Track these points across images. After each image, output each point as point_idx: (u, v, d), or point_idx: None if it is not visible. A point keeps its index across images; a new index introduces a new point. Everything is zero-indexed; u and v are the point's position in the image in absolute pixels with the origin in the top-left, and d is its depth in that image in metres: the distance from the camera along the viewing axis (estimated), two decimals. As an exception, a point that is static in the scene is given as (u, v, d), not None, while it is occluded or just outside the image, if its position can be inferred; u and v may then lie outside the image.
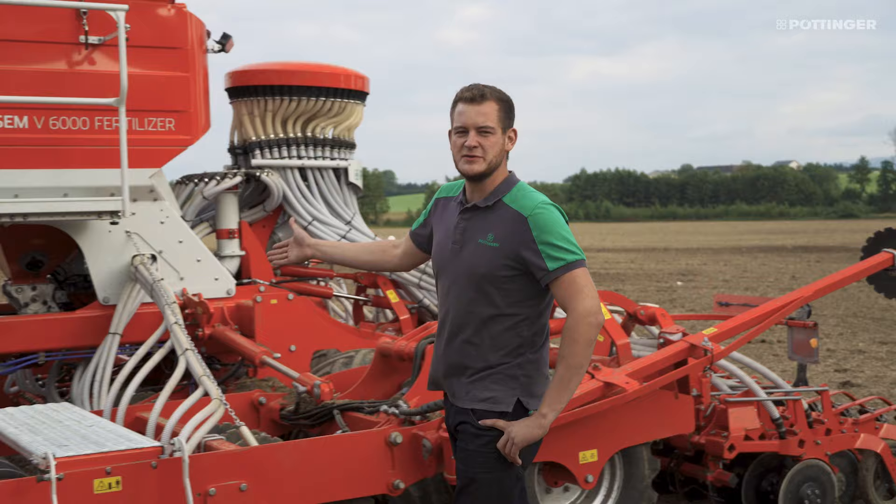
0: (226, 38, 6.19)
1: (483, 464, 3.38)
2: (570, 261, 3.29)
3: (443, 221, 3.56)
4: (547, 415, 3.36)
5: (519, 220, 3.32)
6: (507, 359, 3.39)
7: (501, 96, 3.39)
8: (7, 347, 5.69)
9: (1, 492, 3.70)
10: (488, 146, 3.34)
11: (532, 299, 3.38)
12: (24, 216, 5.35)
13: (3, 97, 5.31)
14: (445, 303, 3.47)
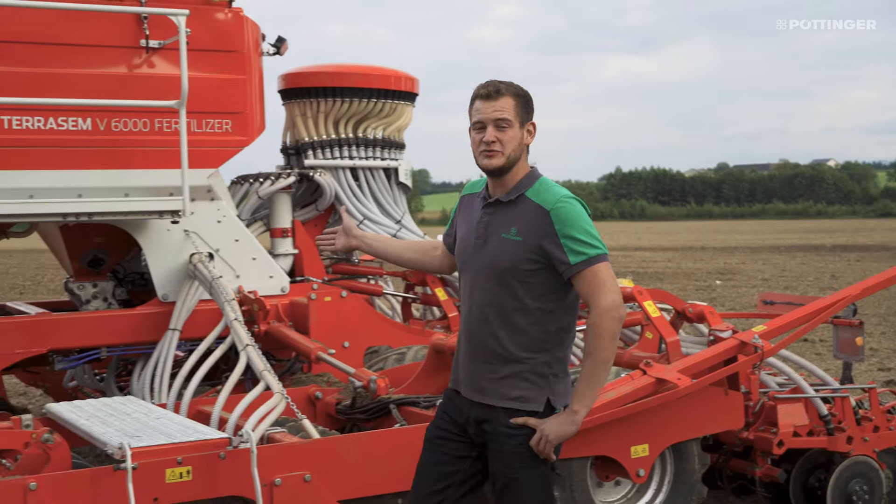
0: (280, 42, 6.33)
1: (521, 463, 3.42)
2: (592, 255, 3.31)
3: (467, 218, 3.58)
4: (579, 411, 3.40)
5: (541, 213, 3.34)
6: (532, 354, 3.40)
7: (518, 91, 3.42)
8: (69, 343, 5.86)
9: (79, 480, 3.86)
10: (506, 140, 3.37)
11: (555, 293, 3.39)
12: (90, 215, 5.51)
13: (68, 100, 5.48)
14: (469, 298, 3.48)
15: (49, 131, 5.54)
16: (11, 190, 5.43)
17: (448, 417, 3.60)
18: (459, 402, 3.56)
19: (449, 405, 3.62)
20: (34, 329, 5.71)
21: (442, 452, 3.58)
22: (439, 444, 3.60)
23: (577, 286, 3.35)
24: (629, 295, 5.51)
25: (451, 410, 3.60)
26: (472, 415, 3.49)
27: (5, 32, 5.42)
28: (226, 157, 6.10)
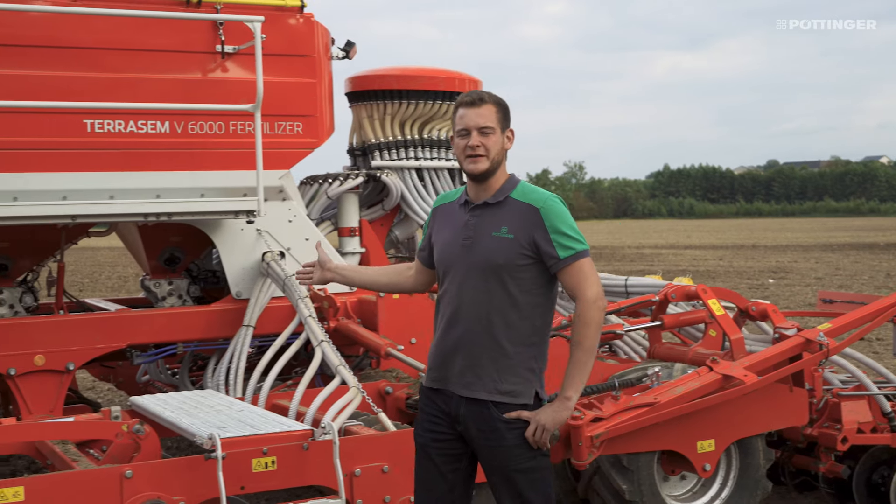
0: (349, 46, 6.50)
1: (521, 456, 3.52)
2: (578, 250, 3.49)
3: (447, 225, 3.69)
4: (571, 397, 3.54)
5: (531, 211, 3.50)
6: (521, 348, 3.52)
7: (498, 100, 3.60)
8: (147, 338, 6.07)
9: (171, 468, 4.05)
10: (490, 145, 3.53)
11: (542, 287, 3.54)
12: (169, 215, 5.71)
13: (147, 104, 5.69)
14: (458, 296, 3.56)
15: (129, 134, 5.75)
16: (94, 191, 5.64)
17: (436, 417, 3.65)
18: (444, 399, 3.62)
19: (432, 405, 3.67)
20: (114, 325, 5.93)
21: (438, 455, 3.64)
22: (434, 448, 3.65)
23: (564, 279, 3.52)
24: (693, 293, 5.62)
25: (436, 409, 3.65)
26: (460, 410, 3.56)
27: (90, 40, 5.63)
28: (297, 159, 6.28)
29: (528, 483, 3.52)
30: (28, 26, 5.51)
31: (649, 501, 4.98)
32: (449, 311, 3.59)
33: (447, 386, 3.60)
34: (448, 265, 3.61)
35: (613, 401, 4.65)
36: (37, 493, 3.80)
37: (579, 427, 4.49)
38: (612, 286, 6.38)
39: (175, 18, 5.81)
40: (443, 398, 3.62)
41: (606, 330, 5.58)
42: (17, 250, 6.02)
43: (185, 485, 4.03)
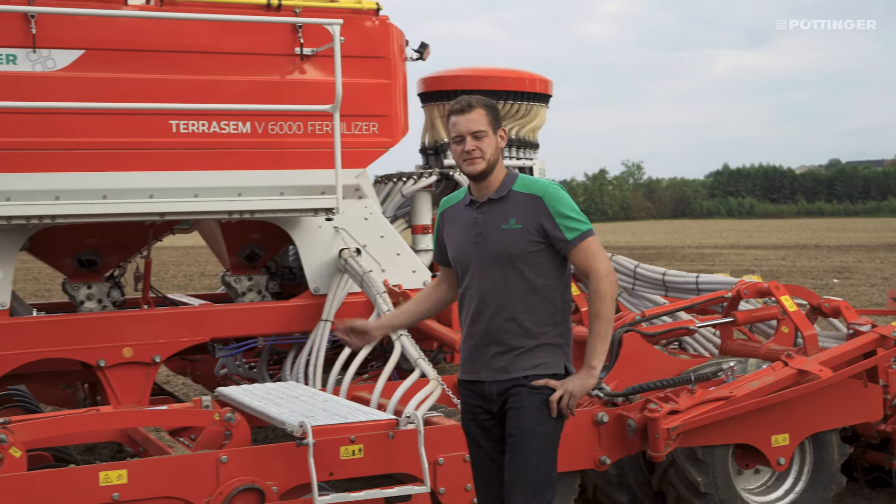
0: (423, 47, 6.64)
1: (539, 418, 3.64)
2: (584, 230, 3.66)
3: (456, 225, 3.85)
4: (596, 366, 3.69)
5: (535, 200, 3.67)
6: (546, 328, 3.68)
7: (487, 103, 3.76)
8: (229, 332, 6.26)
9: (264, 454, 4.22)
10: (484, 147, 3.70)
11: (555, 270, 3.70)
12: (252, 213, 5.89)
13: (231, 105, 5.87)
14: (479, 289, 3.71)
15: (212, 134, 5.93)
16: (179, 189, 5.84)
17: (476, 406, 3.80)
18: (479, 387, 3.77)
19: (470, 395, 3.82)
20: (198, 319, 6.13)
21: (486, 441, 3.79)
22: (481, 435, 3.80)
23: (574, 259, 3.69)
24: (766, 290, 5.67)
25: (474, 399, 3.80)
26: (494, 391, 3.72)
27: (174, 43, 5.83)
28: (373, 158, 6.43)
29: (539, 445, 3.65)
30: (116, 30, 5.72)
31: (724, 494, 5.05)
32: (473, 304, 3.75)
33: (480, 376, 3.76)
34: (465, 262, 3.78)
35: (689, 394, 4.74)
36: (139, 476, 3.99)
37: (656, 419, 4.61)
38: (684, 283, 6.44)
39: (256, 22, 5.99)
40: (478, 387, 3.78)
41: (678, 326, 5.66)
42: (106, 247, 6.24)
43: (277, 470, 4.20)
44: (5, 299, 5.73)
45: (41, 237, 5.93)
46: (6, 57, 5.53)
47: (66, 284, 6.32)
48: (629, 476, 5.29)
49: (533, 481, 3.64)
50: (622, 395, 4.78)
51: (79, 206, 5.53)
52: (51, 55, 5.60)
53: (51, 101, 5.55)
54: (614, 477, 5.28)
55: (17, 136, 5.53)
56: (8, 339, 5.66)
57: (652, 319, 5.63)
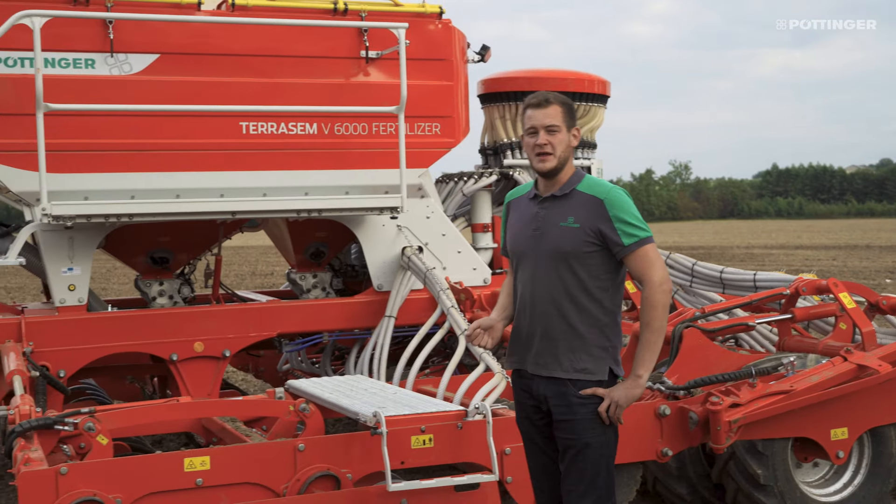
0: (484, 49, 6.78)
1: (593, 429, 3.68)
2: (642, 237, 3.67)
3: (518, 217, 3.91)
4: (643, 375, 3.71)
5: (596, 202, 3.69)
6: (592, 328, 3.71)
7: (563, 100, 3.78)
8: (295, 328, 6.45)
9: (339, 443, 4.39)
10: (556, 143, 3.72)
11: (609, 272, 3.71)
12: (320, 212, 6.07)
13: (302, 107, 6.06)
14: (531, 283, 3.77)
15: (280, 135, 6.13)
16: (248, 189, 6.04)
17: (527, 403, 3.87)
18: (527, 383, 3.84)
19: (520, 392, 3.90)
20: (266, 315, 6.33)
21: (539, 437, 3.86)
22: (534, 432, 3.87)
23: (630, 265, 3.70)
24: (824, 287, 5.74)
25: (525, 396, 3.87)
26: (541, 390, 3.78)
27: (245, 47, 6.02)
28: (435, 158, 6.59)
29: (595, 456, 3.71)
30: (189, 35, 5.93)
31: (783, 486, 5.14)
32: (525, 297, 3.80)
33: (525, 366, 3.82)
34: (520, 253, 3.84)
35: (750, 388, 4.84)
36: (221, 463, 4.16)
37: (718, 412, 4.71)
38: (741, 280, 6.53)
39: (324, 27, 6.17)
40: (525, 382, 3.85)
41: (738, 322, 5.75)
42: (178, 245, 6.45)
43: (351, 458, 4.36)
44: (83, 295, 5.95)
45: (116, 235, 6.15)
46: (85, 61, 5.76)
47: (138, 281, 6.54)
48: (689, 468, 5.39)
49: (593, 490, 3.70)
50: (684, 388, 4.89)
51: (154, 205, 5.74)
52: (127, 59, 5.82)
53: (127, 103, 5.77)
54: (674, 469, 5.39)
55: (94, 137, 5.76)
56: (86, 334, 5.90)
57: (710, 316, 5.72)
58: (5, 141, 5.58)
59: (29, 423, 4.28)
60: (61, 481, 3.90)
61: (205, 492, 4.14)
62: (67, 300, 5.91)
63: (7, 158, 5.61)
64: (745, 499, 5.21)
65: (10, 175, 5.62)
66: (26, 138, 5.54)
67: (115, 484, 4.00)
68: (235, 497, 4.19)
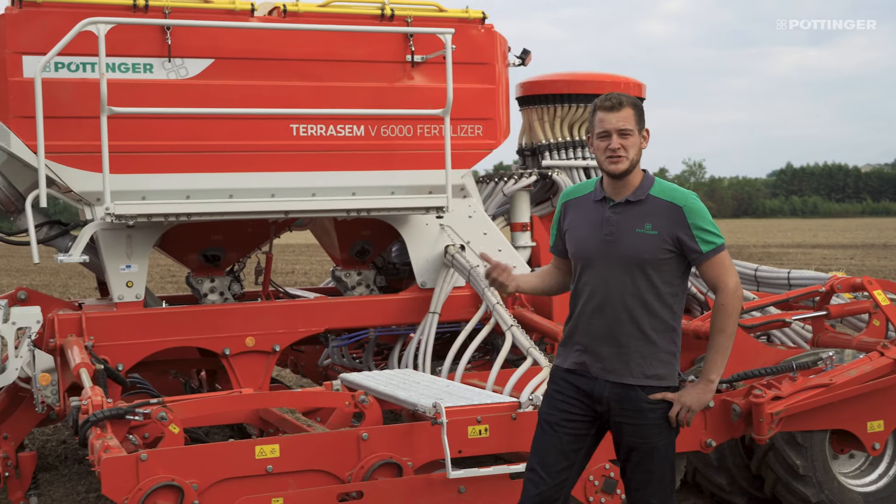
0: (525, 54, 6.97)
1: (660, 433, 3.78)
2: (718, 244, 3.74)
3: (582, 219, 3.89)
4: (714, 380, 3.80)
5: (674, 209, 3.72)
6: (663, 334, 3.77)
7: (635, 102, 3.79)
8: (342, 323, 6.65)
9: (400, 432, 4.59)
10: (629, 146, 3.73)
11: (679, 279, 3.79)
12: (368, 211, 6.28)
13: (350, 110, 6.27)
14: (605, 288, 3.78)
15: (329, 137, 6.34)
16: (298, 189, 6.25)
17: (572, 398, 3.89)
18: (585, 382, 3.86)
19: (568, 386, 3.91)
20: (314, 311, 6.53)
21: (566, 433, 3.89)
22: (564, 427, 3.90)
23: (705, 271, 3.77)
24: (859, 284, 5.92)
25: (573, 390, 3.89)
26: (605, 394, 3.81)
27: (295, 52, 6.23)
28: (477, 159, 6.78)
29: (662, 457, 3.84)
30: (243, 41, 6.14)
31: (821, 477, 5.33)
32: (594, 301, 3.82)
33: (590, 370, 3.85)
34: (588, 258, 3.84)
35: (791, 381, 5.03)
36: (289, 450, 4.37)
37: (761, 404, 4.90)
38: (775, 278, 6.71)
39: (371, 32, 6.37)
40: (583, 380, 3.87)
41: (775, 318, 5.93)
42: (229, 243, 6.66)
43: (412, 447, 4.56)
44: (140, 291, 6.17)
45: (171, 234, 6.36)
46: (143, 66, 5.97)
47: (190, 278, 6.75)
48: (728, 460, 5.59)
49: (660, 492, 3.85)
50: (727, 381, 5.07)
51: (211, 204, 5.95)
52: (183, 64, 6.04)
53: (183, 107, 5.98)
54: (714, 460, 5.58)
55: (152, 139, 5.97)
56: (144, 329, 6.11)
57: (751, 312, 5.91)
58: (68, 143, 5.79)
59: (103, 412, 4.49)
60: (141, 467, 4.11)
61: (274, 478, 4.35)
62: (125, 296, 6.13)
63: (70, 160, 5.82)
64: (783, 489, 5.40)
65: (72, 176, 5.84)
66: (87, 140, 5.77)
67: (191, 470, 4.20)
68: (303, 483, 4.39)
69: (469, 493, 4.53)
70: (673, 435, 3.86)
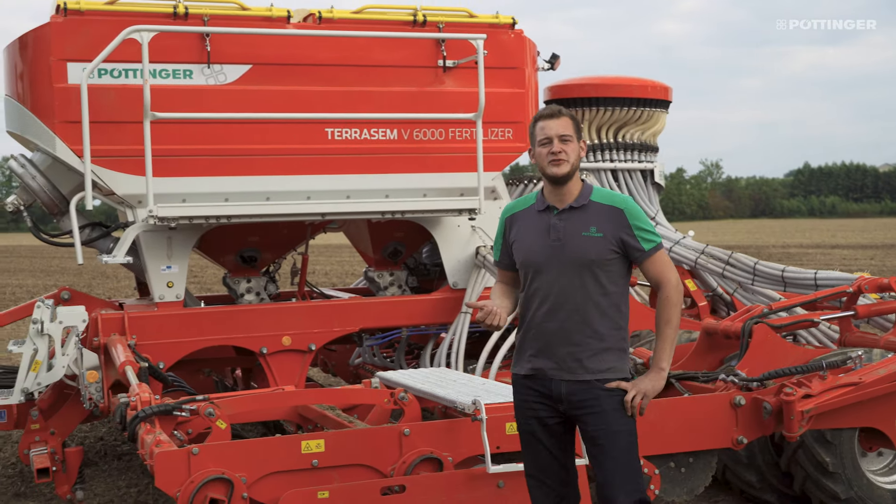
0: (554, 58, 7.10)
1: (621, 418, 3.91)
2: (658, 242, 3.96)
3: (528, 230, 4.04)
4: (664, 368, 3.98)
5: (615, 212, 3.93)
6: (613, 331, 3.93)
7: (572, 115, 4.01)
8: (375, 323, 6.79)
9: (441, 428, 4.72)
10: (570, 151, 3.93)
11: (623, 278, 3.98)
12: (402, 213, 6.41)
13: (385, 114, 6.41)
14: (553, 291, 3.92)
15: (363, 141, 6.48)
16: (333, 191, 6.40)
17: (537, 402, 4.01)
18: (543, 384, 3.98)
19: (530, 392, 4.02)
20: (349, 311, 6.68)
21: (546, 437, 4.02)
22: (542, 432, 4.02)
23: (647, 268, 3.98)
24: (886, 285, 6.01)
25: (535, 395, 4.01)
26: (563, 391, 3.94)
27: (330, 58, 6.38)
28: (507, 162, 6.92)
29: (626, 443, 3.94)
30: (279, 47, 6.29)
31: (850, 474, 5.43)
32: (546, 305, 3.95)
33: (547, 373, 3.96)
34: (537, 265, 3.98)
35: (821, 380, 5.13)
36: (334, 445, 4.51)
37: (791, 402, 5.01)
38: (803, 279, 6.80)
39: (405, 38, 6.51)
40: (541, 383, 3.99)
41: (804, 318, 6.03)
42: (266, 244, 6.81)
43: (452, 443, 4.69)
44: (180, 292, 6.33)
45: (210, 235, 6.50)
46: (183, 72, 6.13)
47: (226, 278, 6.91)
48: (758, 457, 5.69)
49: (630, 477, 3.94)
50: (758, 380, 5.18)
51: (250, 206, 6.11)
52: (222, 70, 6.20)
53: (221, 111, 6.14)
54: (744, 458, 5.69)
55: (192, 143, 6.13)
56: (184, 328, 6.27)
57: (779, 312, 6.01)
58: (111, 147, 5.96)
59: (151, 408, 4.64)
60: (193, 461, 4.25)
61: (319, 472, 4.48)
62: (166, 296, 6.28)
63: (113, 163, 5.99)
64: (813, 486, 5.50)
65: (115, 179, 6.00)
66: (130, 144, 5.94)
67: (240, 464, 4.34)
68: (347, 477, 4.53)
69: (507, 488, 4.64)
70: (632, 423, 3.96)
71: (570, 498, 4.09)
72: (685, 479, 5.16)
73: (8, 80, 6.40)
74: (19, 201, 6.45)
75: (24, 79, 6.15)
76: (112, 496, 6.49)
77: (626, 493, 3.91)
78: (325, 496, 4.40)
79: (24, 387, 5.73)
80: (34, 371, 5.72)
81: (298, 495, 4.37)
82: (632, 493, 3.92)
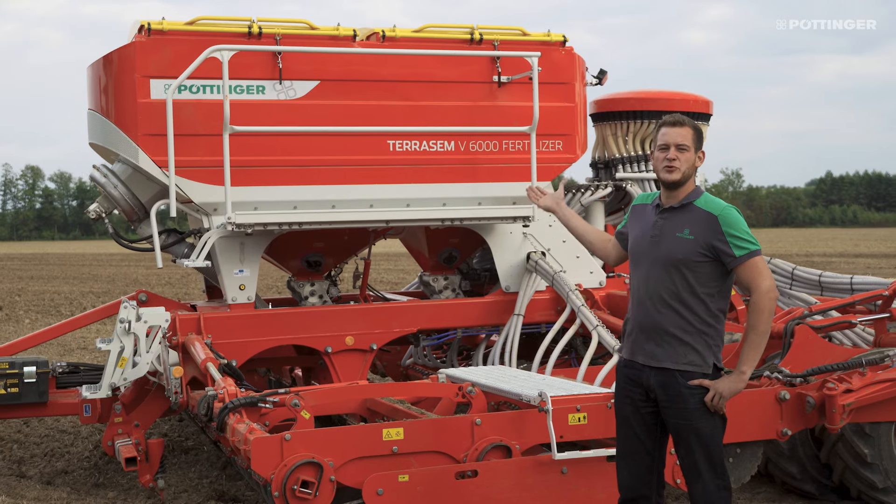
0: (602, 74, 7.47)
1: (701, 416, 4.16)
2: (752, 249, 4.15)
3: (640, 221, 4.39)
4: (746, 371, 4.17)
5: (710, 218, 4.17)
6: (698, 327, 4.16)
7: (695, 126, 4.28)
8: (432, 324, 7.17)
9: (508, 419, 5.11)
10: (684, 160, 4.21)
11: (716, 281, 4.18)
12: (461, 221, 6.80)
13: (441, 127, 6.80)
14: (646, 284, 4.25)
15: (422, 152, 6.87)
16: (394, 200, 6.79)
17: (632, 389, 4.33)
18: (637, 372, 4.31)
19: (630, 383, 4.34)
20: (408, 313, 7.06)
21: (638, 424, 4.32)
22: (635, 419, 4.33)
23: (740, 274, 4.18)
24: (919, 289, 6.36)
25: (631, 383, 4.34)
26: (651, 379, 4.24)
27: (392, 74, 6.78)
28: (557, 172, 7.29)
29: (706, 438, 4.22)
30: (346, 64, 6.69)
31: (888, 465, 5.78)
32: (639, 295, 4.30)
33: (637, 358, 4.31)
34: (638, 255, 4.35)
35: (861, 376, 5.49)
36: (412, 433, 4.90)
37: (834, 397, 5.37)
38: (839, 283, 7.16)
39: (462, 56, 6.90)
40: (635, 371, 4.32)
41: (842, 319, 6.40)
42: (330, 249, 7.22)
43: (519, 432, 5.08)
44: (251, 294, 6.73)
45: (278, 241, 6.91)
46: (256, 87, 6.54)
47: (291, 282, 7.31)
48: (799, 450, 6.05)
49: (710, 468, 4.23)
50: (801, 376, 5.54)
51: (320, 214, 6.51)
52: (292, 86, 6.60)
53: (290, 125, 6.55)
54: (786, 450, 6.05)
55: (264, 154, 6.54)
56: (255, 328, 6.67)
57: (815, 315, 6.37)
58: (191, 158, 6.36)
59: (239, 400, 5.05)
60: (286, 446, 4.65)
61: (399, 458, 4.88)
62: (238, 298, 6.69)
63: (191, 174, 6.39)
64: (852, 476, 5.86)
65: (193, 188, 6.41)
66: (206, 155, 6.35)
67: (327, 449, 4.74)
68: (423, 463, 4.92)
69: (571, 474, 5.02)
70: (716, 419, 4.21)
71: (652, 484, 4.37)
72: (733, 469, 5.52)
73: (92, 95, 6.83)
74: (101, 209, 6.87)
75: (108, 94, 6.58)
76: (186, 486, 6.89)
77: (707, 481, 4.20)
78: (406, 479, 4.79)
79: (111, 381, 6.15)
80: (121, 367, 6.13)
81: (381, 478, 4.76)
82: (714, 479, 4.20)
